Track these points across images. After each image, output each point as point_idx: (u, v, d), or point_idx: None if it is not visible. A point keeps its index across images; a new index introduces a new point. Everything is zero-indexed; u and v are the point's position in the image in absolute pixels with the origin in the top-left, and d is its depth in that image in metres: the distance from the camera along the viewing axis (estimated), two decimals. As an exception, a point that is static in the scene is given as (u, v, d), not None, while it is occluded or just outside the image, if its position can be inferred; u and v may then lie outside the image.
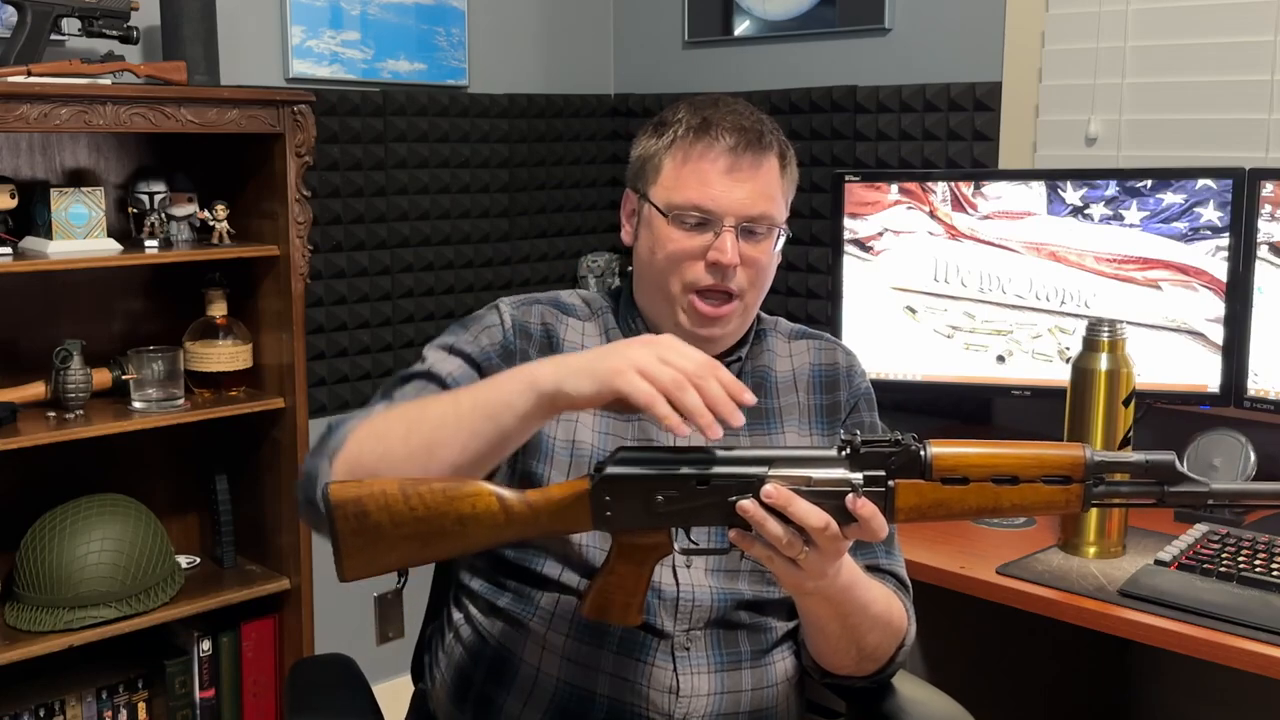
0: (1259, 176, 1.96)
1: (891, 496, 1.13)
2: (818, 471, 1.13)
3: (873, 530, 1.12)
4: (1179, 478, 1.12)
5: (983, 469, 1.12)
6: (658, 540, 1.17)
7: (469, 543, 1.17)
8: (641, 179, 1.41)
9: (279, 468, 2.39)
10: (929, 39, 2.57)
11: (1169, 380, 2.04)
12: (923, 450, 1.12)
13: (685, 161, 1.36)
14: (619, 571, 1.18)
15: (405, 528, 1.14)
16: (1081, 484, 1.11)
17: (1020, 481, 1.12)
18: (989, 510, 1.13)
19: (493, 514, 1.15)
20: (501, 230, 2.99)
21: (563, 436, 1.36)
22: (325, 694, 1.50)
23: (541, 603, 1.35)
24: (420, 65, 2.79)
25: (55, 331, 2.25)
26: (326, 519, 1.14)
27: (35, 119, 1.98)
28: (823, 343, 1.51)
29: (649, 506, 1.14)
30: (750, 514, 1.11)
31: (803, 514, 1.11)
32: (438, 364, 1.36)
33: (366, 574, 1.17)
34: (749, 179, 1.35)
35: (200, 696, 2.41)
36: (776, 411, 1.45)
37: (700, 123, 1.36)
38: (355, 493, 1.14)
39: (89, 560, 2.16)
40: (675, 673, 1.34)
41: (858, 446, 1.13)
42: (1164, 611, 1.57)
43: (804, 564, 1.13)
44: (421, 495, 1.14)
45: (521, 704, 1.34)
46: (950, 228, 2.18)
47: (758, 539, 1.13)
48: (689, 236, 1.35)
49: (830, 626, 1.30)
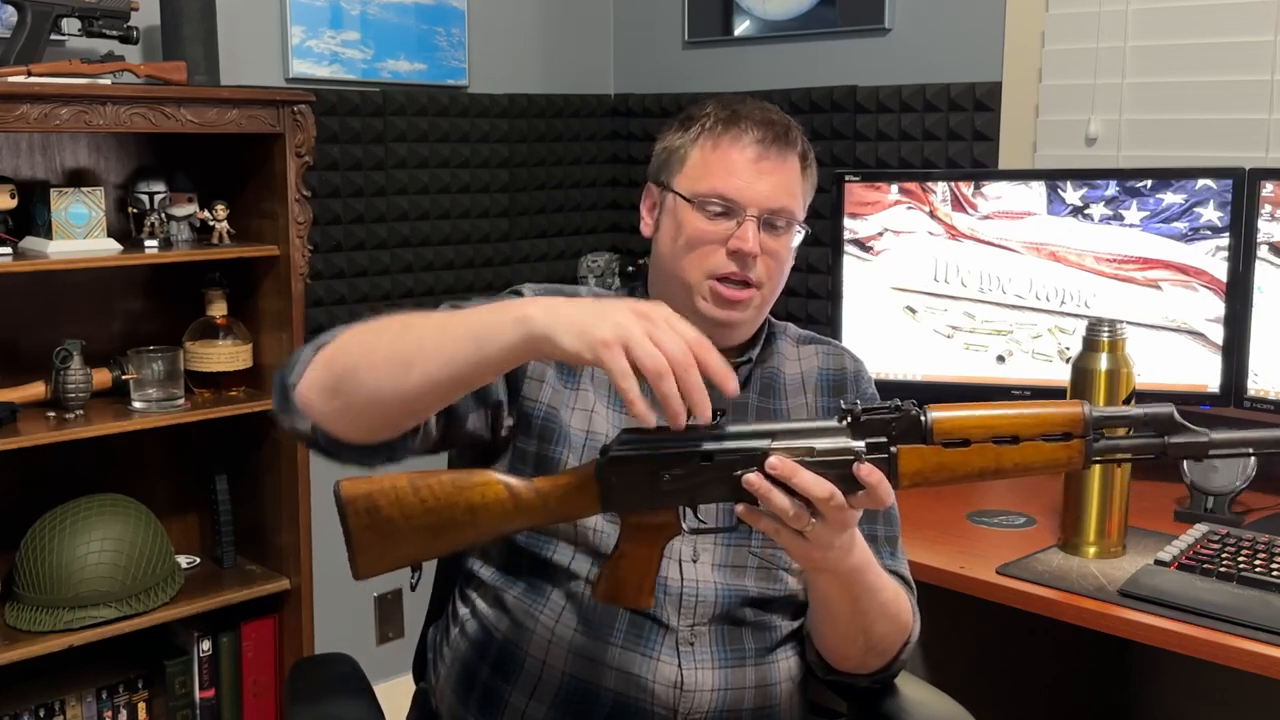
0: (1259, 176, 1.96)
1: (895, 462, 1.13)
2: (820, 441, 1.13)
3: (879, 497, 1.13)
4: (1179, 428, 1.12)
5: (983, 430, 1.13)
6: (666, 520, 1.17)
7: (479, 532, 1.19)
8: (665, 170, 1.44)
9: (279, 468, 2.39)
10: (929, 39, 2.57)
11: (1169, 380, 2.04)
12: (923, 415, 1.13)
13: (714, 150, 1.39)
14: (629, 554, 1.19)
15: (416, 520, 1.15)
16: (1082, 439, 1.12)
17: (1021, 440, 1.12)
18: (991, 471, 1.13)
19: (501, 502, 1.16)
20: (501, 230, 2.99)
21: (578, 425, 1.38)
22: (326, 694, 1.50)
23: (551, 595, 1.36)
24: (420, 65, 2.79)
25: (55, 331, 2.24)
26: (339, 517, 1.15)
27: (35, 119, 1.98)
28: (831, 348, 1.54)
29: (655, 485, 1.15)
30: (755, 487, 1.12)
31: (807, 484, 1.11)
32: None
33: (380, 570, 1.18)
34: (773, 172, 1.38)
35: (200, 696, 2.41)
36: (785, 413, 1.46)
37: (729, 115, 1.40)
38: (366, 488, 1.16)
39: (89, 560, 2.16)
40: (680, 667, 1.34)
41: (858, 415, 1.14)
42: (1164, 611, 1.57)
43: (811, 536, 1.14)
44: (430, 487, 1.16)
45: (527, 697, 1.34)
46: (950, 228, 2.18)
47: (764, 513, 1.14)
48: (712, 223, 1.38)
49: (841, 608, 1.30)
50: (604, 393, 1.41)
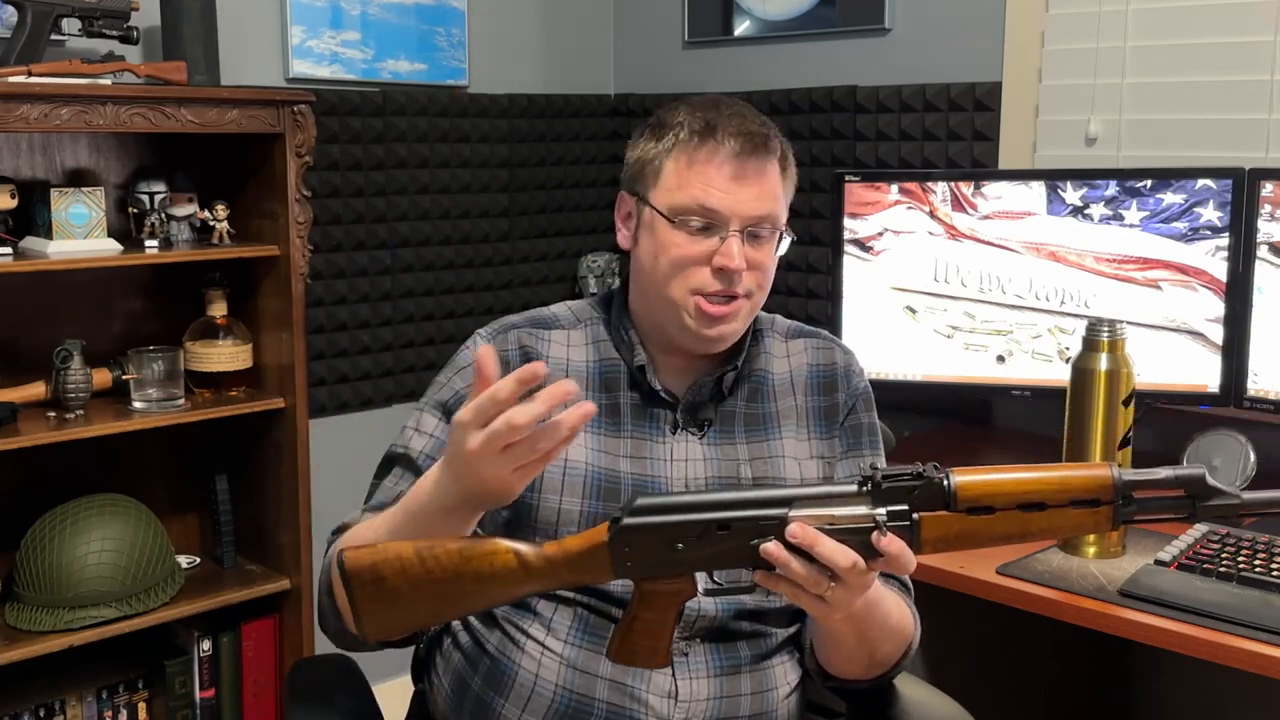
0: (1259, 176, 1.96)
1: (917, 530, 1.11)
2: (840, 510, 1.11)
3: (901, 565, 1.11)
4: (1211, 491, 1.09)
5: (1009, 497, 1.10)
6: (681, 586, 1.15)
7: (489, 600, 1.17)
8: (640, 182, 1.39)
9: (279, 468, 2.39)
10: (929, 39, 2.57)
11: (1169, 380, 2.04)
12: (946, 480, 1.10)
13: (690, 165, 1.34)
14: (643, 618, 1.17)
15: (423, 590, 1.13)
16: (1111, 505, 1.09)
17: (1048, 507, 1.09)
18: (1017, 537, 1.11)
19: (511, 570, 1.14)
20: (501, 230, 2.99)
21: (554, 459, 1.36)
22: (325, 694, 1.50)
23: (540, 609, 1.35)
24: (420, 65, 2.79)
25: (55, 331, 2.25)
26: (343, 586, 1.14)
27: (35, 119, 1.98)
28: (820, 341, 1.51)
29: (670, 554, 1.13)
30: (775, 556, 1.10)
31: (830, 554, 1.09)
32: (414, 442, 1.39)
33: (389, 635, 1.17)
34: (754, 182, 1.34)
35: (200, 696, 2.41)
36: (774, 416, 1.44)
37: (704, 126, 1.34)
38: (370, 559, 1.13)
39: (89, 560, 2.16)
40: (674, 677, 1.33)
41: (879, 482, 1.11)
42: (1164, 611, 1.56)
43: (831, 599, 1.12)
44: (437, 557, 1.13)
45: (520, 710, 1.34)
46: (950, 228, 2.18)
47: (783, 578, 1.12)
48: (693, 241, 1.34)
49: (848, 641, 1.30)
50: None
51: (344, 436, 2.75)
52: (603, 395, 1.40)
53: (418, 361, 2.88)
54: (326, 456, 2.63)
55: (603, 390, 1.41)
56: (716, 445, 1.41)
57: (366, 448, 2.85)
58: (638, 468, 1.38)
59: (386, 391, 2.83)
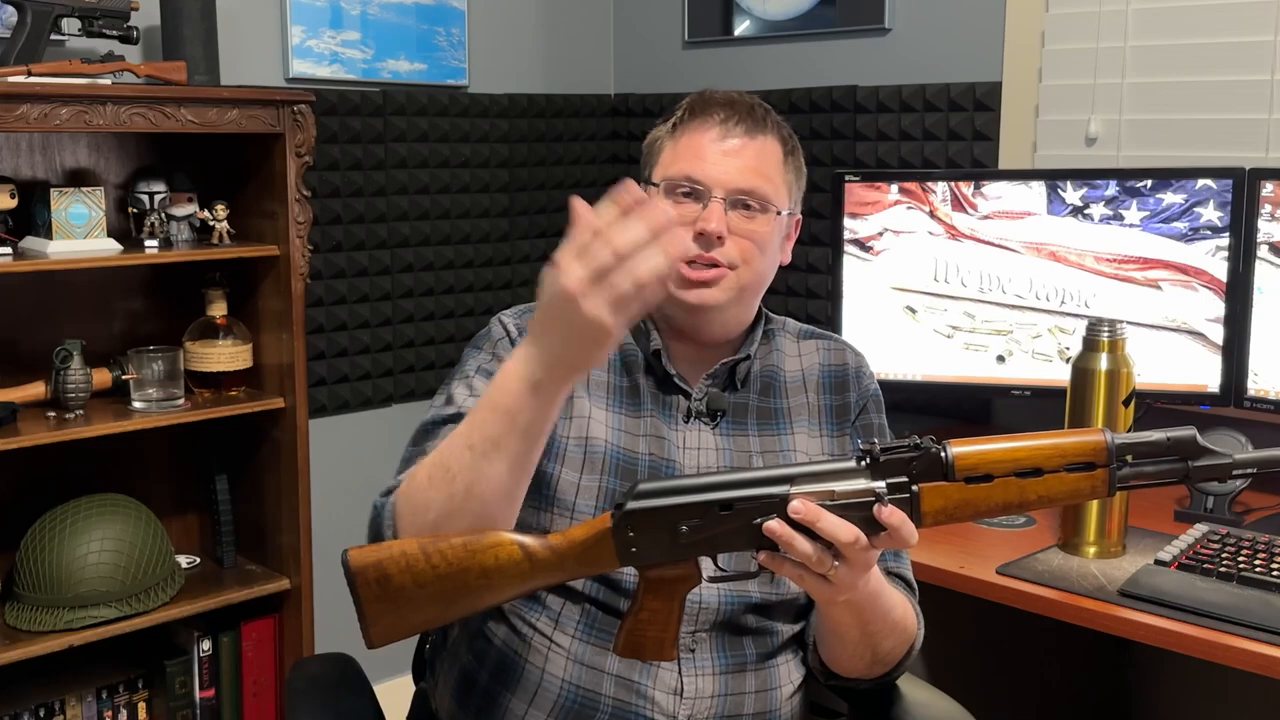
0: (1259, 176, 1.96)
1: (917, 501, 1.12)
2: (840, 484, 1.12)
3: (903, 538, 1.12)
4: (1202, 451, 1.11)
5: (1005, 464, 1.11)
6: (686, 571, 1.15)
7: (496, 595, 1.16)
8: (647, 166, 1.45)
9: (279, 468, 2.39)
10: (929, 39, 2.57)
11: (1169, 380, 2.04)
12: (943, 451, 1.11)
13: (683, 136, 1.40)
14: (649, 607, 1.16)
15: (429, 587, 1.12)
16: (1106, 468, 1.11)
17: (1044, 473, 1.11)
18: (1015, 505, 1.12)
19: (516, 563, 1.13)
20: (501, 230, 2.99)
21: (575, 434, 1.37)
22: (326, 694, 1.50)
23: (548, 604, 1.36)
24: (420, 65, 2.79)
25: (55, 331, 2.25)
26: (348, 587, 1.13)
27: (35, 119, 1.98)
28: (831, 343, 1.52)
29: (674, 537, 1.13)
30: (778, 534, 1.10)
31: (832, 528, 1.10)
32: (456, 397, 1.36)
33: (394, 638, 1.15)
34: (740, 152, 1.37)
35: (200, 696, 2.41)
36: (786, 412, 1.45)
37: (698, 101, 1.41)
38: (375, 557, 1.12)
39: (89, 560, 2.16)
40: (680, 674, 1.34)
41: (877, 455, 1.12)
42: (1164, 611, 1.57)
43: (835, 578, 1.13)
44: (443, 552, 1.12)
45: (526, 704, 1.34)
46: (950, 228, 2.18)
47: (787, 559, 1.12)
48: (680, 206, 1.37)
49: (851, 634, 1.30)
50: (600, 395, 1.40)
51: (344, 436, 2.75)
52: (623, 378, 1.42)
53: (418, 361, 2.88)
54: (326, 456, 2.63)
55: (623, 373, 1.42)
56: (729, 436, 1.42)
57: (366, 448, 2.87)
58: (655, 448, 1.39)
59: (386, 391, 2.83)
